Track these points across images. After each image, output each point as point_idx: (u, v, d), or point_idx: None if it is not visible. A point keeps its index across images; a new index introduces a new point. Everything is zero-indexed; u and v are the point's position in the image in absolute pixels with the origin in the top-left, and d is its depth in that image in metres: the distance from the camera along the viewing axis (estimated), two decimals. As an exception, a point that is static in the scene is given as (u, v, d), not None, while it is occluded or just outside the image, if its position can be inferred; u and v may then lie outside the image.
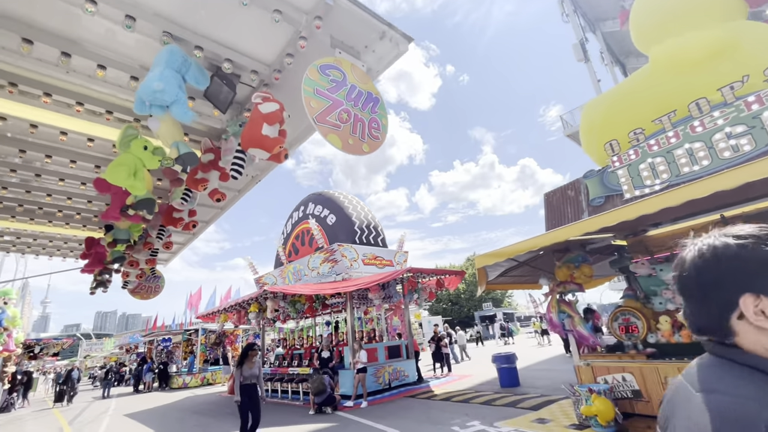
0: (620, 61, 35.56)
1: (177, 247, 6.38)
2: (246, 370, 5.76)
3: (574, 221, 6.69)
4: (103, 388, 18.28)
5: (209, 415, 10.20)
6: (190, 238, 5.94)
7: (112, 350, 44.09)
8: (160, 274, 6.75)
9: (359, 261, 12.43)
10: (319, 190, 15.58)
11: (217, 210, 4.84)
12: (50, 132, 3.19)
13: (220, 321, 13.62)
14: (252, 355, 5.92)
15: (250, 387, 5.82)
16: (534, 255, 6.80)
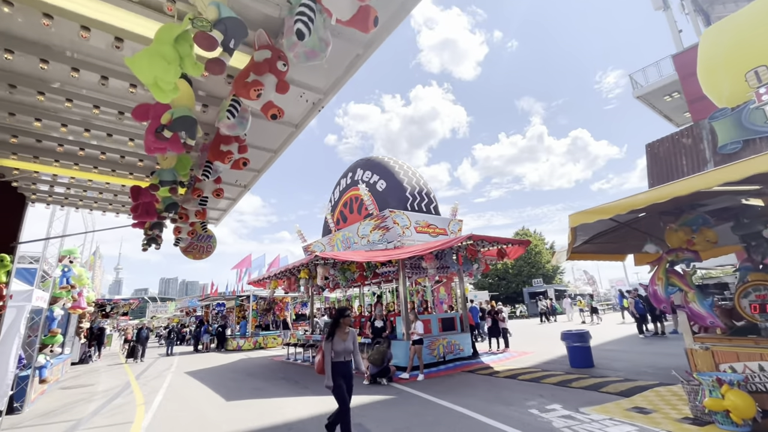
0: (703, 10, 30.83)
1: (227, 203, 5.94)
2: (338, 343, 4.42)
3: (690, 175, 5.41)
4: (167, 347, 19.55)
5: (263, 379, 10.22)
6: (241, 192, 5.43)
7: (174, 312, 47.85)
8: (211, 233, 6.39)
9: (411, 228, 11.69)
10: (368, 156, 14.87)
11: (270, 154, 4.21)
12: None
13: (271, 287, 13.63)
14: (345, 323, 4.52)
15: (344, 366, 4.47)
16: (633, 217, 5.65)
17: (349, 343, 4.45)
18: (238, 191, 5.38)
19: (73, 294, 10.12)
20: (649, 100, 29.73)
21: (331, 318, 4.81)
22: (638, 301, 12.82)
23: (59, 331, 8.94)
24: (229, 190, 5.37)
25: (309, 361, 12.99)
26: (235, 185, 5.12)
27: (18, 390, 7.60)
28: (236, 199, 5.62)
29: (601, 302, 31.47)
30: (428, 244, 10.23)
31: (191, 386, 9.65)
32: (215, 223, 6.65)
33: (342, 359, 4.44)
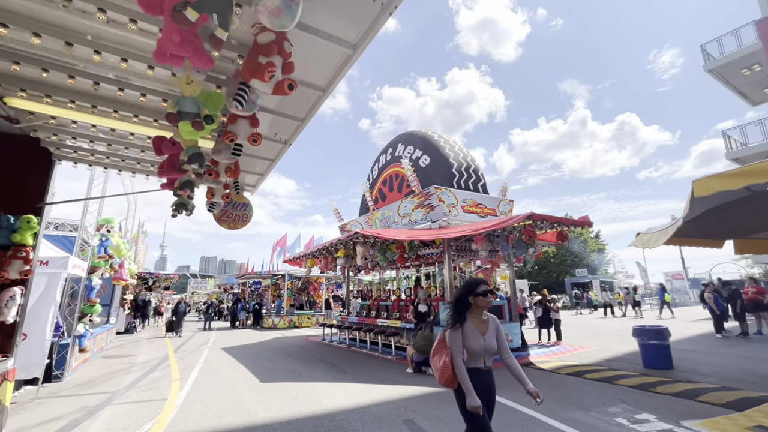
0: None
1: (264, 165, 5.25)
2: (473, 336, 2.70)
3: None
4: (205, 322, 19.92)
5: (298, 359, 9.79)
6: (281, 151, 4.69)
7: (213, 289, 49.73)
8: (247, 201, 5.77)
9: (458, 207, 10.71)
10: (410, 130, 13.88)
11: (317, 94, 3.41)
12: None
13: (307, 266, 13.18)
14: (481, 304, 2.75)
15: (485, 376, 2.77)
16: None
17: (491, 338, 2.73)
18: (278, 149, 4.65)
19: (113, 265, 10.05)
20: (722, 74, 26.42)
21: (458, 297, 2.85)
22: (717, 296, 11.20)
23: (97, 300, 8.86)
24: (268, 148, 4.66)
25: (345, 343, 12.53)
26: (275, 140, 4.38)
27: (58, 358, 7.52)
28: (275, 160, 4.91)
29: (651, 296, 29.04)
30: (479, 224, 9.26)
31: (227, 363, 9.38)
32: (252, 190, 6.03)
33: (482, 364, 2.73)
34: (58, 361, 7.52)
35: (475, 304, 2.78)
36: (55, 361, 7.43)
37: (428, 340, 7.73)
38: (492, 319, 2.86)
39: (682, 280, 29.43)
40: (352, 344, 12.35)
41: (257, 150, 4.61)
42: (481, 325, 2.79)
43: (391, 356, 9.89)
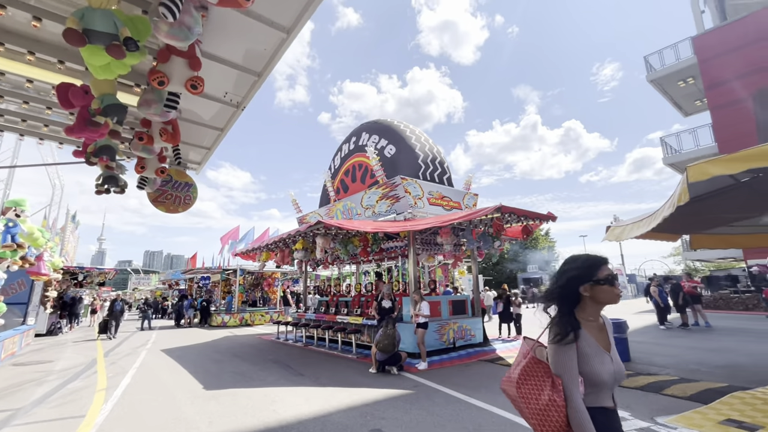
0: None
1: (212, 136, 4.43)
2: (595, 356, 1.62)
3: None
4: (142, 321, 18.10)
5: (249, 361, 8.94)
6: (232, 116, 3.90)
7: (157, 285, 46.22)
8: (191, 181, 4.94)
9: (424, 199, 10.33)
10: (375, 118, 13.29)
11: (281, 36, 2.72)
12: None
13: (261, 260, 12.23)
14: (608, 297, 1.68)
15: (614, 419, 1.67)
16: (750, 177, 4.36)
17: (617, 355, 1.71)
18: (229, 114, 3.86)
19: (27, 257, 8.55)
20: (662, 85, 28.49)
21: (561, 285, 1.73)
22: (662, 289, 11.82)
23: (1, 298, 7.44)
24: (216, 113, 3.87)
25: (301, 342, 11.76)
26: (225, 101, 3.60)
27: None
28: (225, 129, 4.12)
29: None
30: (447, 216, 8.92)
31: (166, 367, 8.32)
32: (196, 168, 5.16)
33: (611, 402, 1.67)
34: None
35: (592, 297, 1.68)
36: (-59, 373, 6.07)
37: (391, 338, 7.26)
38: (608, 324, 1.79)
39: (622, 275, 31.60)
40: (310, 343, 11.63)
41: (203, 115, 3.82)
42: (600, 335, 1.71)
43: (352, 355, 9.33)
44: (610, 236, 5.88)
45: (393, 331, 7.43)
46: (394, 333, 7.37)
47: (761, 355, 7.76)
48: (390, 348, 7.20)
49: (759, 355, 7.76)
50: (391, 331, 7.40)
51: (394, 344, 7.21)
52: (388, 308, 8.46)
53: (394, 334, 7.34)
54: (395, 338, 7.31)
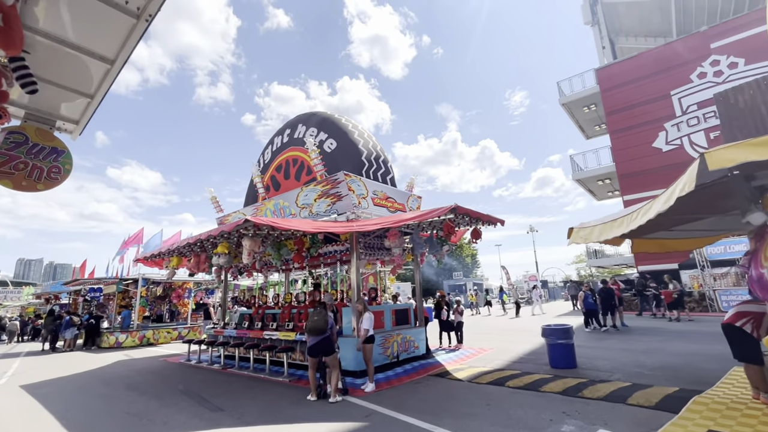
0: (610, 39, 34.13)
1: (98, 72, 2.98)
2: None
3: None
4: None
5: (149, 394, 7.07)
6: (131, 32, 2.58)
7: (29, 300, 38.18)
8: (63, 147, 3.41)
9: (368, 199, 9.44)
10: (312, 110, 12.10)
11: None
12: None
13: (171, 266, 10.15)
14: None
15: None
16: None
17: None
18: (125, 28, 2.52)
19: None
20: (570, 109, 31.66)
21: None
22: (588, 294, 12.45)
23: None
24: (104, 26, 2.52)
25: (219, 364, 9.94)
26: (116, 4, 2.28)
27: None
28: (116, 63, 2.72)
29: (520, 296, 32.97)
30: (398, 217, 8.12)
31: (22, 414, 6.12)
32: (72, 129, 3.59)
33: None
34: None
35: None
36: None
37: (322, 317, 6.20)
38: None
39: (536, 281, 34.15)
40: (230, 364, 9.87)
41: (81, 34, 2.44)
42: None
43: (284, 377, 7.94)
44: (576, 239, 5.57)
45: (323, 311, 6.32)
46: (324, 313, 6.28)
47: (687, 354, 8.24)
48: (322, 325, 6.11)
49: (685, 354, 8.23)
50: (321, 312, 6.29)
51: (326, 321, 6.15)
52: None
53: (324, 313, 6.26)
54: (326, 317, 6.23)
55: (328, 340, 6.17)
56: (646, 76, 25.18)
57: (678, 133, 23.66)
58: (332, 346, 6.19)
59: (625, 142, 25.71)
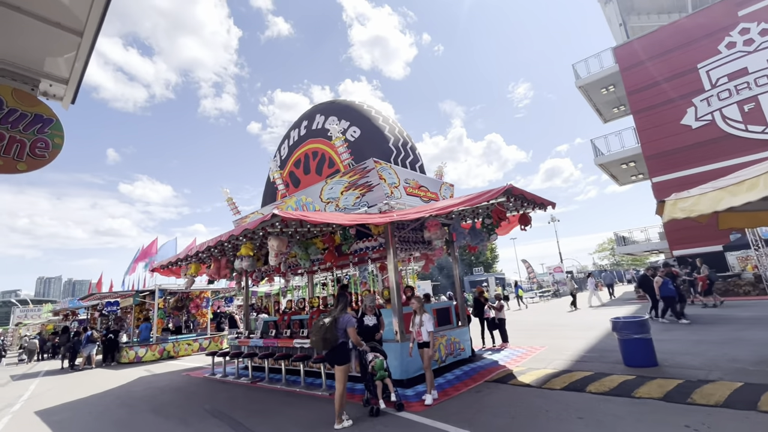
0: (622, 18, 32.75)
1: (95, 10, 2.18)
2: None
3: None
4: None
5: (175, 417, 6.28)
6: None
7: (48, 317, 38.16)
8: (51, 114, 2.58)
9: (401, 188, 8.56)
10: (331, 100, 11.24)
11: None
12: None
13: (189, 273, 9.40)
14: None
15: None
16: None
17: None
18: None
19: None
20: (588, 92, 30.33)
21: None
22: (668, 281, 11.01)
23: None
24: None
25: (246, 377, 9.15)
26: None
27: None
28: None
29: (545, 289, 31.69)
30: (442, 204, 7.20)
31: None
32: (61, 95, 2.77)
33: None
34: None
35: None
36: None
37: (331, 332, 5.04)
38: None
39: (562, 272, 32.81)
40: (259, 377, 9.07)
41: None
42: None
43: (322, 391, 7.09)
44: (674, 212, 4.59)
45: (331, 321, 5.20)
46: (332, 323, 5.17)
47: None
48: (332, 337, 5.03)
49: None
50: (327, 321, 5.18)
51: (335, 338, 5.07)
52: (372, 326, 6.43)
53: (333, 328, 5.09)
54: (335, 331, 5.11)
55: (339, 349, 5.16)
56: (669, 50, 23.84)
57: (708, 108, 22.26)
58: (345, 355, 5.20)
59: (651, 122, 24.36)
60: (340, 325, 5.14)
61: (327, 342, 5.03)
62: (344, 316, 5.22)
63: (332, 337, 5.03)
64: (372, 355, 5.52)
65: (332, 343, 5.05)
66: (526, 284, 35.04)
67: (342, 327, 5.14)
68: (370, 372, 5.41)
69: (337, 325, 5.11)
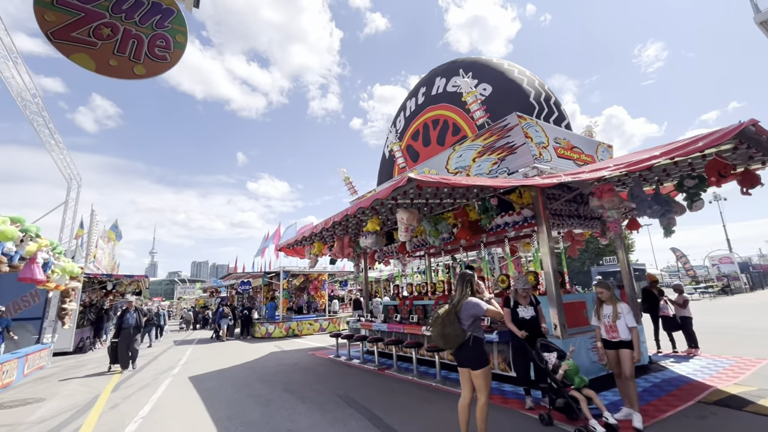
0: None
1: None
2: None
3: None
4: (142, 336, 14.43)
5: (309, 400, 5.91)
6: None
7: (200, 294, 45.42)
8: (172, 4, 1.79)
9: (550, 149, 6.90)
10: (451, 60, 9.99)
11: None
12: None
13: (313, 252, 9.22)
14: None
15: None
16: None
17: None
18: None
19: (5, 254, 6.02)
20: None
21: None
22: None
23: None
24: None
25: (371, 363, 8.64)
26: None
27: None
28: None
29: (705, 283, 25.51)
30: (639, 155, 5.38)
31: (187, 417, 5.45)
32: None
33: None
34: None
35: None
36: None
37: (452, 326, 3.70)
38: None
39: (731, 264, 25.99)
40: (386, 364, 8.46)
41: None
42: None
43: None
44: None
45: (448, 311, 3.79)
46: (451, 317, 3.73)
47: None
48: (454, 332, 3.68)
49: None
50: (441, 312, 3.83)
51: (459, 330, 3.69)
52: (530, 320, 5.07)
53: (456, 323, 3.70)
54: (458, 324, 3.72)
55: (472, 347, 3.74)
56: None
57: None
58: (481, 355, 3.75)
59: None
60: (464, 315, 3.78)
61: (449, 338, 3.73)
62: (468, 302, 3.84)
63: (455, 332, 3.71)
64: (553, 356, 4.19)
65: (457, 339, 3.75)
66: (671, 278, 28.85)
67: (468, 316, 3.84)
68: (558, 379, 4.09)
69: (460, 316, 3.80)
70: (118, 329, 8.84)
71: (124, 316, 8.71)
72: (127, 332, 8.65)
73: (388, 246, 9.90)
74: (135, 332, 8.91)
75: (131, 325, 8.78)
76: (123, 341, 8.70)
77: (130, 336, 8.76)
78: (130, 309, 8.83)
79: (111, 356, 9.04)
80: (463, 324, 3.69)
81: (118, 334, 8.81)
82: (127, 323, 8.75)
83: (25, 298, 11.43)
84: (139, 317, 8.83)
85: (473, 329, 3.70)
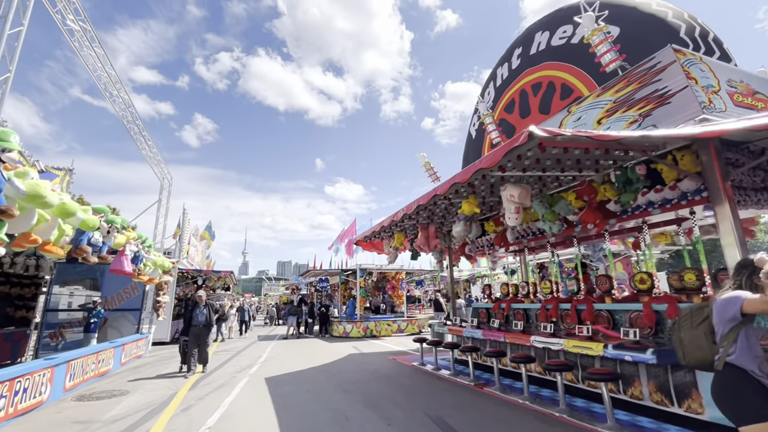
0: None
1: None
2: None
3: None
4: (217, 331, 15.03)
5: (394, 423, 4.76)
6: None
7: (284, 291, 47.87)
8: None
9: (723, 94, 4.88)
10: (554, 9, 8.21)
11: None
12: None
13: (393, 246, 8.14)
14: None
15: None
16: None
17: None
18: None
19: (81, 245, 5.94)
20: None
21: None
22: None
23: None
24: None
25: (465, 375, 7.26)
26: None
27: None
28: None
29: None
30: None
31: (258, 426, 4.68)
32: None
33: None
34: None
35: None
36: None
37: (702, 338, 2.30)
38: None
39: None
40: (484, 380, 7.02)
41: None
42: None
43: (608, 426, 4.35)
44: None
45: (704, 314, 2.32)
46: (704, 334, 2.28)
47: None
48: (702, 351, 2.34)
49: None
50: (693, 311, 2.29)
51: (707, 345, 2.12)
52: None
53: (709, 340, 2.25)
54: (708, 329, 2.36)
55: (731, 382, 2.19)
56: None
57: None
58: (747, 400, 2.13)
59: None
60: (717, 319, 2.27)
61: (686, 348, 2.37)
62: (721, 298, 2.30)
63: (695, 342, 2.32)
64: None
65: (697, 353, 2.31)
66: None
67: (723, 321, 2.25)
68: None
69: (714, 320, 2.28)
70: (187, 326, 8.31)
71: (193, 312, 8.25)
72: (196, 330, 8.11)
73: (480, 239, 8.42)
74: (205, 331, 8.24)
75: (201, 323, 8.18)
76: (193, 341, 8.14)
77: (199, 335, 8.17)
78: (200, 304, 8.43)
79: (182, 356, 8.49)
80: (716, 334, 2.26)
81: (187, 331, 8.24)
82: (197, 320, 8.18)
83: (126, 290, 12.22)
84: (209, 314, 8.29)
85: (734, 349, 2.19)
